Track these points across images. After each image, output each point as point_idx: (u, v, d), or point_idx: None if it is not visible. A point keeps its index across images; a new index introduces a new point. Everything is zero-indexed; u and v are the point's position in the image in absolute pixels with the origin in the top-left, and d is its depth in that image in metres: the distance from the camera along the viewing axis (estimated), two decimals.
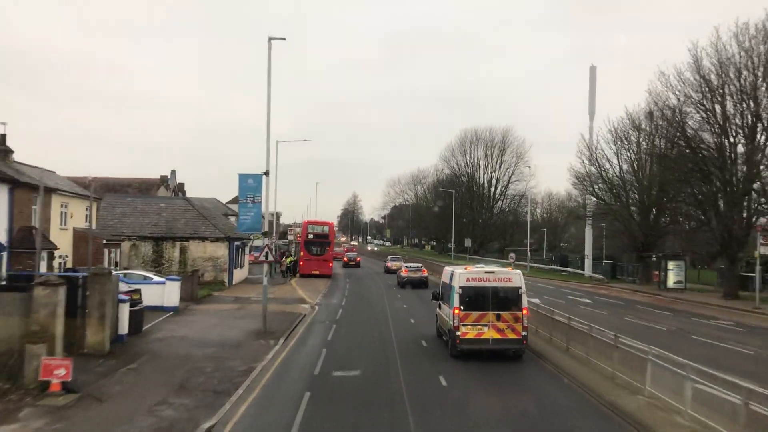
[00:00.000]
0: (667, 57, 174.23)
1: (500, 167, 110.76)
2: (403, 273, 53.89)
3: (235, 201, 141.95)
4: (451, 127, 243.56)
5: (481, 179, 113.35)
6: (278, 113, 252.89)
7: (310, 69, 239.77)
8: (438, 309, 25.39)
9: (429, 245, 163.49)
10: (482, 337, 20.46)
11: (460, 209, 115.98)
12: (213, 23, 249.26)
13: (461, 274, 21.22)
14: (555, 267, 74.23)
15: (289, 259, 57.06)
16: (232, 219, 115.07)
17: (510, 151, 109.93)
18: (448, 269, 24.14)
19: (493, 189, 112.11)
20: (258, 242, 52.74)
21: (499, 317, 20.55)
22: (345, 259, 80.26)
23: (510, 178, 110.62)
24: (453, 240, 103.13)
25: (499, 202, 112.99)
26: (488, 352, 20.60)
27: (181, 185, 79.74)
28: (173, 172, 75.54)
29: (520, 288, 20.89)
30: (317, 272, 57.39)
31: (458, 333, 20.45)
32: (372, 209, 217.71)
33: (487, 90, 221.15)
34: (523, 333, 20.62)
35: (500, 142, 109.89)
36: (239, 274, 50.07)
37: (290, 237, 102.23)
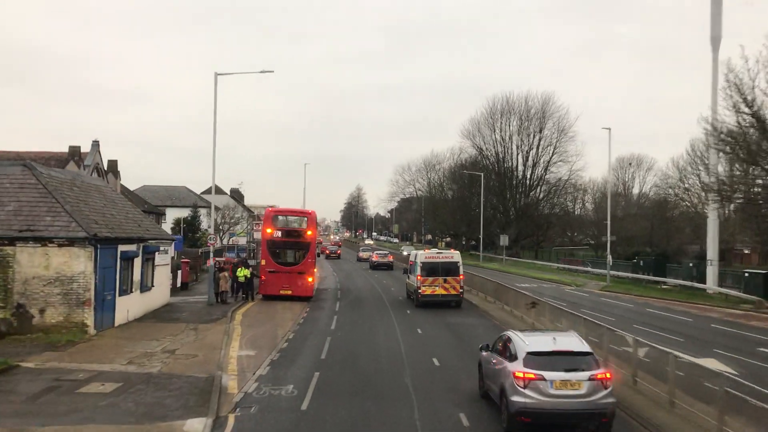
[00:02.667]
0: None
1: (538, 144, 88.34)
2: (374, 258, 66.53)
3: (210, 192, 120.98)
4: (460, 119, 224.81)
5: (514, 160, 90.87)
6: (279, 106, 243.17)
7: (312, 62, 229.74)
8: (407, 279, 39.46)
9: (442, 241, 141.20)
10: (435, 293, 33.80)
11: (486, 198, 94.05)
12: (214, 16, 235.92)
13: (422, 254, 35.41)
14: (643, 275, 51.51)
15: (242, 272, 34.65)
16: (204, 211, 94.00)
17: (551, 125, 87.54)
18: (412, 253, 41.91)
19: (529, 172, 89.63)
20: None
21: (445, 281, 33.91)
22: (327, 251, 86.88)
23: (550, 158, 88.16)
24: (482, 235, 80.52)
25: (536, 188, 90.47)
26: (438, 303, 33.61)
27: (114, 164, 57.72)
28: (96, 144, 53.44)
29: (458, 262, 34.58)
30: (288, 292, 35.27)
31: (420, 291, 33.93)
32: (378, 201, 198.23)
33: (498, 81, 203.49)
34: (460, 290, 34.36)
35: (539, 112, 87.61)
36: (138, 304, 27.83)
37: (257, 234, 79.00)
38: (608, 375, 13.18)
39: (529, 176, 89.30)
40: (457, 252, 36.75)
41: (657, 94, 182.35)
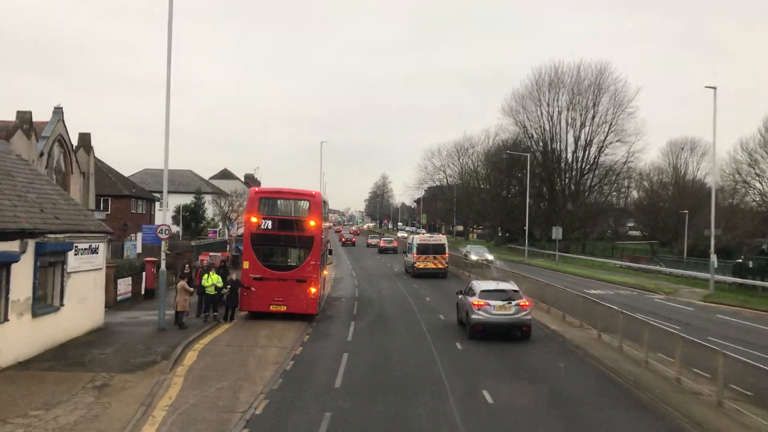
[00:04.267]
0: None
1: (592, 122, 76.40)
2: (381, 244, 77.69)
3: (220, 176, 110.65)
4: (487, 107, 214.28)
5: (563, 140, 79.07)
6: (308, 98, 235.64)
7: (340, 52, 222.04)
8: (405, 258, 50.34)
9: (474, 233, 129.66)
10: (427, 267, 44.40)
11: (531, 184, 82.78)
12: (235, 7, 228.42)
13: (418, 237, 48.81)
14: (756, 281, 39.76)
15: (210, 279, 23.32)
16: (209, 198, 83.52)
17: (606, 99, 75.52)
18: (409, 237, 54.41)
19: (581, 153, 77.80)
20: None
21: (435, 257, 44.64)
22: (343, 239, 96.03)
23: (605, 138, 76.22)
24: (527, 227, 68.99)
25: (589, 173, 78.63)
26: (429, 274, 43.93)
27: (86, 138, 47.27)
28: (58, 112, 43.03)
29: (444, 244, 45.94)
30: (282, 308, 24.43)
31: (415, 265, 44.56)
32: (405, 188, 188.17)
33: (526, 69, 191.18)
34: (446, 265, 45.38)
35: (593, 84, 75.54)
36: (25, 337, 17.22)
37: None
38: (527, 303, 22.67)
39: (580, 158, 77.46)
40: (444, 236, 52.12)
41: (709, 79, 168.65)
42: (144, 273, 30.58)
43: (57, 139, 42.67)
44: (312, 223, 24.85)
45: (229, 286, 24.11)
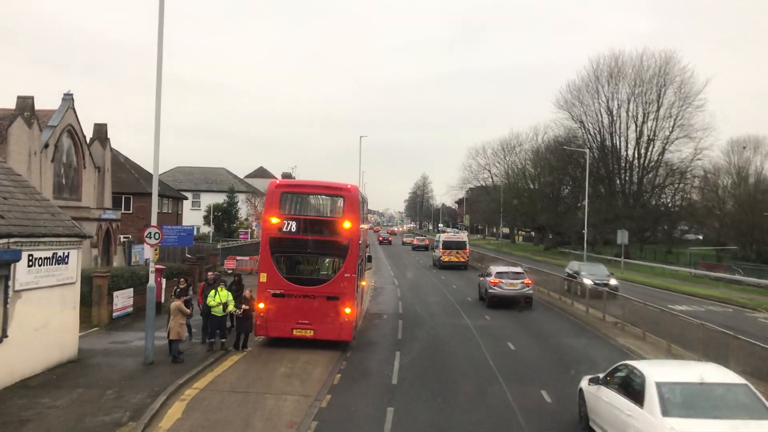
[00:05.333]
0: None
1: (656, 116, 69.60)
2: (414, 242, 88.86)
3: (255, 175, 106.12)
4: (532, 105, 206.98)
5: (623, 136, 72.42)
6: (345, 97, 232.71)
7: (377, 52, 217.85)
8: (433, 253, 58.10)
9: (519, 235, 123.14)
10: (451, 260, 51.99)
11: (584, 183, 76.22)
12: (276, 6, 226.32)
13: (443, 236, 57.35)
14: None
15: (216, 299, 18.49)
16: (242, 197, 78.84)
17: (672, 91, 68.64)
18: (437, 236, 63.20)
19: (643, 151, 71.01)
20: None
21: (457, 252, 52.40)
22: (380, 238, 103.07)
23: (670, 134, 69.35)
24: (586, 230, 62.64)
25: (652, 171, 71.82)
26: (453, 266, 51.43)
27: (102, 129, 42.77)
28: (67, 99, 38.60)
29: (465, 242, 54.46)
30: (308, 333, 19.19)
31: (441, 259, 52.48)
32: (448, 188, 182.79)
33: (569, 68, 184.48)
34: (467, 259, 53.25)
35: (657, 75, 68.66)
36: None
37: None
38: (530, 282, 31.24)
39: (643, 156, 70.65)
40: (465, 233, 66.38)
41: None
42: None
43: (66, 129, 38.16)
44: (347, 224, 19.49)
45: (244, 307, 18.84)
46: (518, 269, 32.73)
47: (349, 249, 19.46)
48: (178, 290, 18.84)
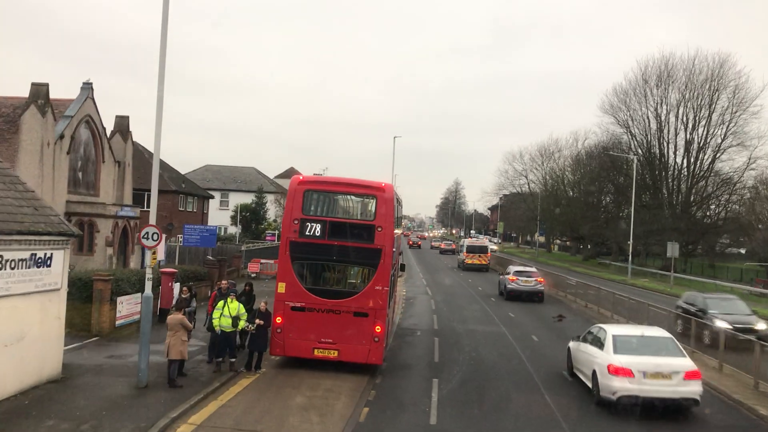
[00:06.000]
0: None
1: (708, 122, 65.63)
2: (442, 246, 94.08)
3: (285, 176, 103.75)
4: (563, 114, 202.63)
5: (671, 143, 68.56)
6: (376, 100, 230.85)
7: (411, 57, 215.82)
8: (458, 256, 64.83)
9: (554, 245, 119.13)
10: (474, 262, 57.97)
11: (625, 192, 72.62)
12: (314, 10, 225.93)
13: (467, 241, 68.82)
14: None
15: (225, 311, 15.67)
16: (270, 198, 76.47)
17: (725, 96, 64.67)
18: (461, 241, 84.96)
19: (693, 158, 67.05)
20: None
21: (479, 256, 58.84)
22: (410, 242, 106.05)
23: (722, 142, 65.34)
24: (632, 240, 58.96)
25: (701, 181, 67.84)
26: (475, 268, 57.26)
27: (123, 122, 40.59)
28: (86, 88, 36.45)
29: (487, 246, 64.12)
30: (331, 354, 16.55)
31: (465, 261, 58.79)
32: (482, 194, 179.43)
33: (605, 74, 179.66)
34: (489, 261, 59.81)
35: (710, 79, 64.74)
36: None
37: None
38: (542, 280, 37.09)
39: (692, 164, 66.69)
40: (487, 238, 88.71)
41: None
42: (160, 288, 23.14)
43: (85, 120, 36.13)
44: (380, 228, 16.73)
45: (257, 323, 16.16)
46: (532, 269, 40.02)
47: (381, 257, 16.69)
48: (180, 300, 16.19)
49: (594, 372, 15.28)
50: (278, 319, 16.56)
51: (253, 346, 16.32)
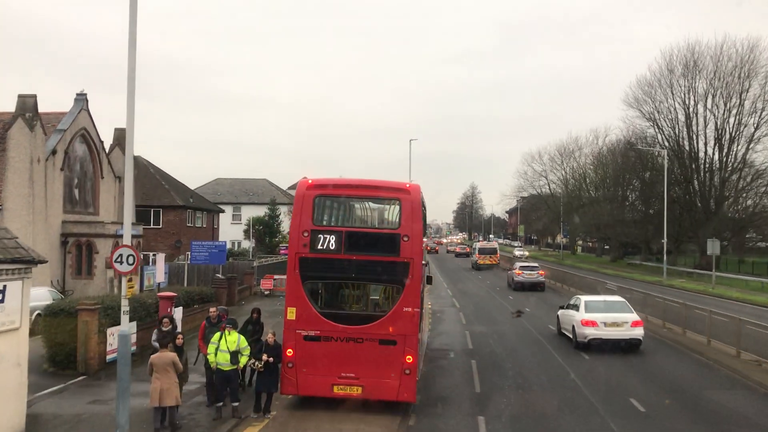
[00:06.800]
0: None
1: (739, 112, 62.27)
2: (457, 250, 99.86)
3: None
4: (579, 114, 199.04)
5: (700, 135, 65.22)
6: (387, 107, 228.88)
7: (421, 62, 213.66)
8: (471, 258, 74.80)
9: (578, 246, 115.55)
10: (485, 262, 65.40)
11: (652, 186, 69.49)
12: (322, 21, 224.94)
13: (479, 244, 79.84)
14: None
15: (225, 344, 12.93)
16: (284, 209, 73.83)
17: (757, 83, 61.29)
18: (473, 244, 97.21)
19: (725, 151, 63.67)
20: None
21: (490, 257, 66.88)
22: (428, 247, 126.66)
23: (755, 131, 61.94)
24: (665, 239, 55.68)
25: (733, 174, 64.42)
26: (486, 267, 64.23)
27: (123, 133, 38.30)
28: (80, 100, 34.08)
29: (496, 248, 71.94)
30: (354, 391, 13.80)
31: (477, 261, 66.39)
32: (501, 197, 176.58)
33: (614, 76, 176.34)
34: (498, 261, 66.97)
35: (740, 66, 61.40)
36: None
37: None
38: (543, 272, 45.52)
39: (724, 156, 63.28)
40: (496, 241, 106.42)
41: None
42: (157, 315, 20.44)
43: (80, 134, 33.77)
44: (407, 238, 13.92)
45: (264, 359, 13.37)
46: (534, 264, 48.71)
47: (409, 273, 13.88)
48: (161, 335, 13.37)
49: (573, 326, 22.87)
50: (289, 352, 13.79)
51: (260, 386, 13.55)
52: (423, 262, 15.01)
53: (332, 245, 13.89)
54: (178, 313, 22.13)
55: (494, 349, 22.42)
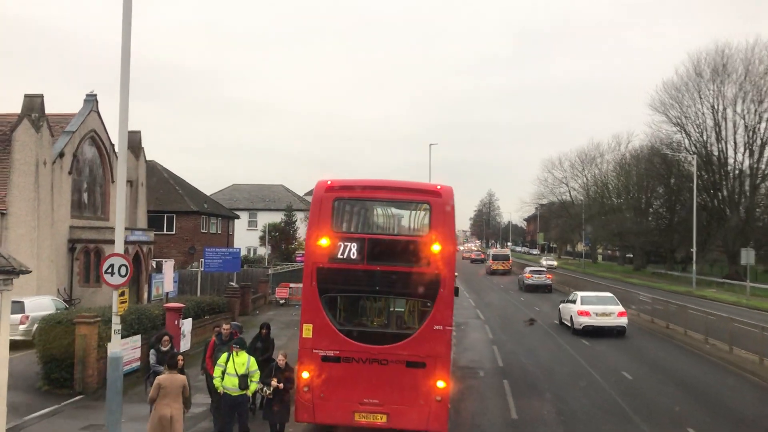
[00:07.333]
0: None
1: None
2: (473, 257, 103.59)
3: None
4: (598, 121, 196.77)
5: (730, 140, 63.03)
6: (401, 114, 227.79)
7: (435, 68, 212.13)
8: (485, 263, 78.94)
9: (598, 254, 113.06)
10: (498, 268, 69.43)
11: (675, 195, 67.60)
12: (338, 30, 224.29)
13: (492, 251, 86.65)
14: None
15: (232, 367, 11.14)
16: (300, 216, 72.41)
17: None
18: (487, 251, 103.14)
19: (756, 157, 61.43)
20: None
21: (502, 263, 70.89)
22: None
23: None
24: (695, 248, 53.62)
25: (766, 182, 62.16)
26: (499, 272, 68.05)
27: (135, 137, 37.01)
28: (90, 101, 32.91)
29: (509, 254, 78.94)
30: (378, 420, 12.18)
31: (491, 267, 70.63)
32: (521, 204, 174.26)
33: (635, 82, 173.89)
34: (510, 267, 70.55)
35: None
36: None
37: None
38: (551, 276, 51.05)
39: (755, 162, 61.04)
40: (509, 249, 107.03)
41: None
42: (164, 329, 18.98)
43: (89, 136, 32.52)
44: (437, 246, 12.32)
45: (274, 385, 11.81)
46: (542, 268, 56.50)
47: (440, 286, 12.28)
48: (169, 357, 11.80)
49: (571, 316, 27.99)
50: (305, 374, 12.22)
51: (269, 415, 11.95)
52: (457, 274, 13.40)
53: (354, 254, 12.32)
54: (187, 324, 20.74)
55: (523, 362, 20.78)
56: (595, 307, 27.14)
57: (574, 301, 28.40)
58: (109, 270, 10.26)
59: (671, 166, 68.50)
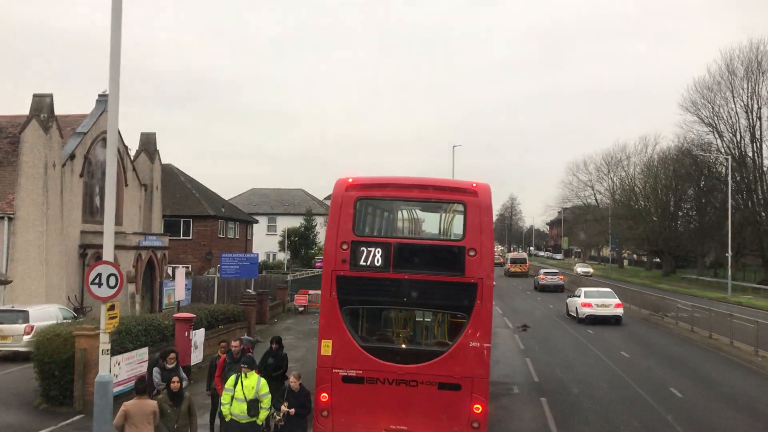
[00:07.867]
0: None
1: None
2: None
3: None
4: (622, 125, 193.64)
5: (765, 141, 60.73)
6: (422, 119, 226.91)
7: (456, 73, 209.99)
8: (504, 266, 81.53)
9: (625, 259, 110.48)
10: (516, 271, 74.74)
11: (707, 196, 65.40)
12: (352, 35, 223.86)
13: (511, 254, 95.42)
14: None
15: (241, 390, 9.56)
16: (320, 220, 71.26)
17: None
18: (506, 255, 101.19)
19: None
20: None
21: (520, 265, 76.35)
22: None
23: None
24: (730, 252, 51.51)
25: None
26: (517, 275, 72.89)
27: (150, 139, 35.87)
28: (102, 100, 31.94)
29: (525, 258, 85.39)
30: None
31: (510, 270, 75.93)
32: (545, 208, 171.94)
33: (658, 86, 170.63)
34: (527, 269, 75.17)
35: None
36: None
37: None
38: (563, 278, 55.83)
39: None
40: (525, 253, 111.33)
41: None
42: (174, 340, 17.68)
43: (101, 137, 31.42)
44: (473, 252, 10.83)
45: (284, 410, 10.37)
46: (556, 270, 60.86)
47: (477, 296, 10.79)
48: (165, 373, 10.34)
49: (576, 308, 33.33)
50: (323, 396, 10.79)
51: None
52: (495, 283, 11.89)
53: (378, 261, 10.86)
54: (199, 335, 19.43)
55: (560, 375, 19.20)
56: (596, 299, 32.75)
57: (578, 296, 33.88)
58: (97, 280, 8.91)
59: (702, 168, 66.32)
